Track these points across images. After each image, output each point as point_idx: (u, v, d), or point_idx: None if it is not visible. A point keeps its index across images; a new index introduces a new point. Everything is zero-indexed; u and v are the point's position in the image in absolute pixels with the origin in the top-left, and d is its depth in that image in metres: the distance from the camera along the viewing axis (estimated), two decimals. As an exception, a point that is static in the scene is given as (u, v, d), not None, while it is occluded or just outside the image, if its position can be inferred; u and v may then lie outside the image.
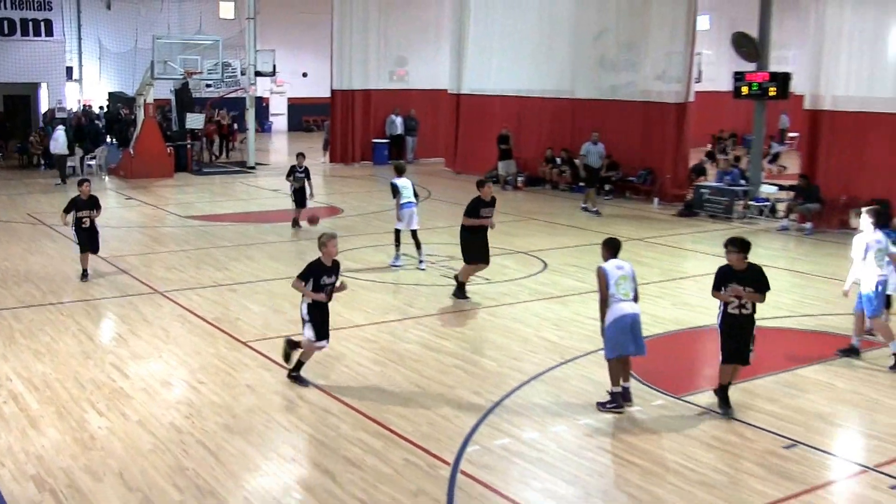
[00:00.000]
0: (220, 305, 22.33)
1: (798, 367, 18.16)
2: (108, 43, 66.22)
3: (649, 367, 18.24)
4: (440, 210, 37.98)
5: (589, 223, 34.37)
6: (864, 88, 33.25)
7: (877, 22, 33.02)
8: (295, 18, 70.70)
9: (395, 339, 20.00)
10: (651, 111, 40.29)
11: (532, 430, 15.02)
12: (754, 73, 36.51)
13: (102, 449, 14.09)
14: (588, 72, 43.70)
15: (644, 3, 40.73)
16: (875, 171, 32.60)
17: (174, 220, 34.49)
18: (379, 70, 55.01)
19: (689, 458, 13.96)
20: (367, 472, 13.33)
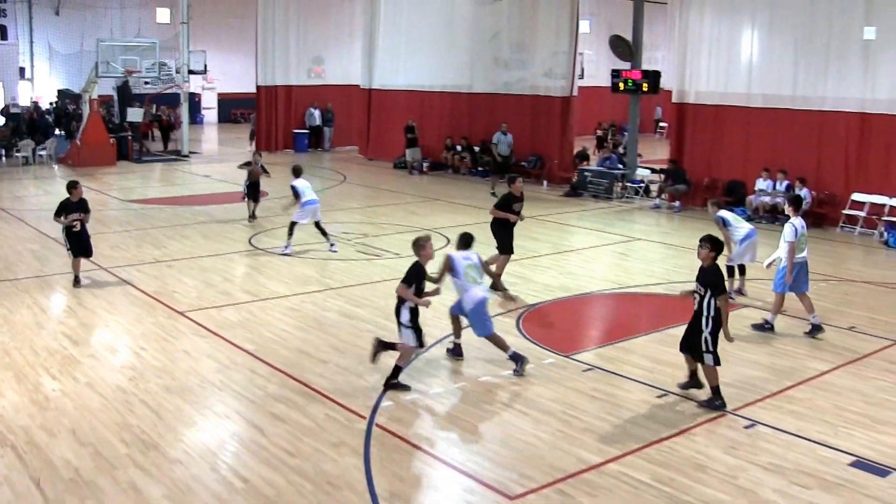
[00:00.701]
0: (158, 280, 22.14)
1: (668, 327, 18.31)
2: (56, 45, 65.48)
3: (541, 329, 18.41)
4: (355, 193, 37.98)
5: (487, 203, 34.40)
6: (721, 85, 33.70)
7: (731, 28, 33.46)
8: (224, 22, 70.19)
9: (316, 307, 19.92)
10: (540, 104, 40.49)
11: (438, 387, 15.08)
12: (629, 71, 36.86)
13: (56, 409, 13.98)
14: (484, 69, 43.86)
15: (532, 8, 40.91)
16: (731, 156, 33.17)
17: (117, 203, 34.15)
18: (298, 68, 54.77)
19: (576, 408, 14.07)
20: (292, 426, 13.32)
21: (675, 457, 12.41)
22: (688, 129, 34.86)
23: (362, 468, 11.96)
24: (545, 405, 14.20)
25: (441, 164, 44.62)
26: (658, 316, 19.95)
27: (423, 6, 47.08)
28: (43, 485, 11.49)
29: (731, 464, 12.22)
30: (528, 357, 16.03)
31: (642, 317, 20.24)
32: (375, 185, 39.90)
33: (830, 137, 30.40)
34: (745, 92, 32.83)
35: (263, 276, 22.80)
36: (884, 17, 29.06)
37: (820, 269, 20.33)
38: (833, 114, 30.24)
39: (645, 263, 24.75)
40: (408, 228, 28.84)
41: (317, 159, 50.58)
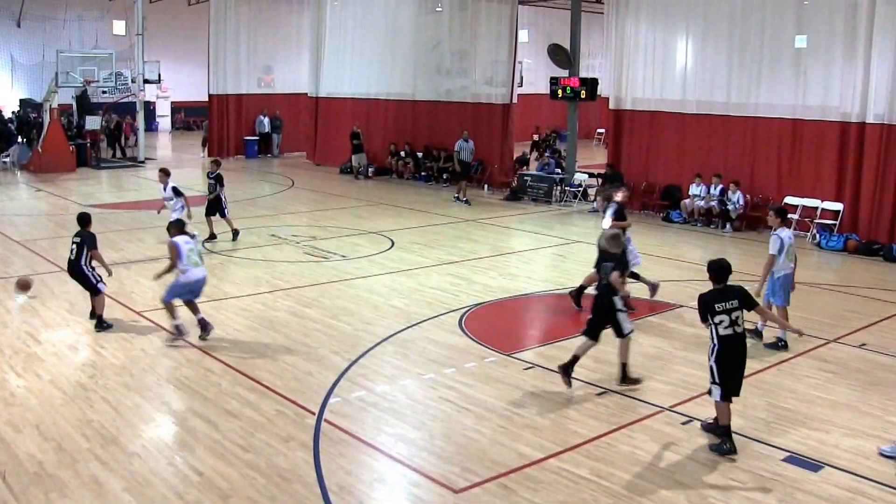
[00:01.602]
0: (116, 281, 21.94)
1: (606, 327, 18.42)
2: (18, 56, 65.03)
3: (483, 329, 18.45)
4: (302, 197, 37.93)
5: (429, 207, 34.48)
6: (656, 92, 33.84)
7: (666, 36, 33.62)
8: (177, 34, 69.84)
9: (266, 307, 19.88)
10: (481, 111, 40.46)
11: (384, 384, 15.05)
12: (568, 79, 36.84)
13: (21, 405, 13.92)
14: (427, 77, 43.88)
15: (473, 18, 40.97)
16: (667, 161, 33.30)
17: (77, 207, 33.80)
18: (249, 77, 54.59)
19: (518, 405, 14.11)
20: (245, 422, 13.30)
21: (614, 452, 12.44)
22: (625, 134, 34.97)
23: (312, 462, 11.96)
24: (487, 402, 14.21)
25: (386, 170, 44.51)
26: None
27: (367, 17, 47.02)
28: (8, 478, 11.44)
29: (669, 459, 12.28)
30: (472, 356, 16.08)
31: (581, 317, 20.28)
32: (322, 190, 39.82)
33: (763, 142, 30.57)
34: (679, 98, 32.95)
35: (216, 278, 22.65)
36: (814, 25, 29.26)
37: (754, 269, 20.40)
38: (766, 120, 30.39)
39: (583, 265, 24.70)
40: (354, 231, 28.87)
41: (266, 164, 50.45)
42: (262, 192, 39.34)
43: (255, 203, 35.40)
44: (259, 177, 44.92)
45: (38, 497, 11.02)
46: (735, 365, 12.57)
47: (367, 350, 16.85)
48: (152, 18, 61.01)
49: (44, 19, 64.20)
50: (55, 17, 64.79)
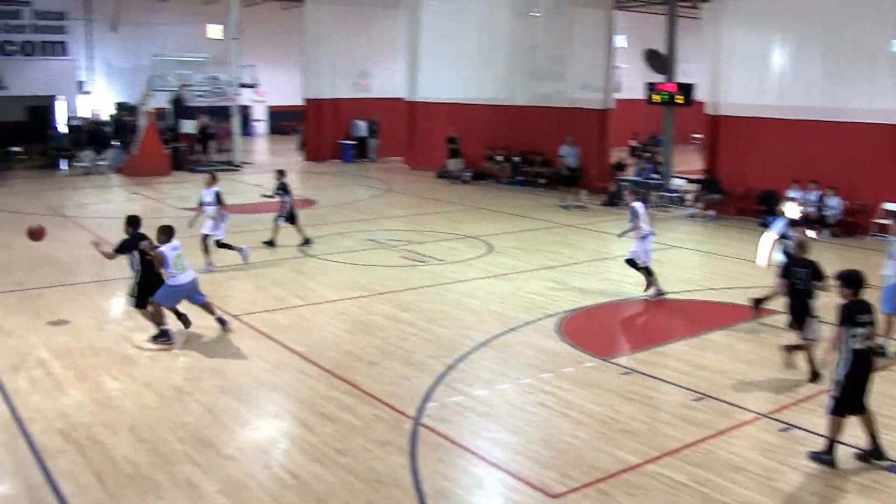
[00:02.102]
0: (212, 284, 22.15)
1: (705, 333, 18.27)
2: (114, 60, 65.76)
3: (580, 333, 18.38)
4: (399, 201, 38.01)
5: (526, 211, 34.40)
6: (753, 97, 33.49)
7: (762, 41, 33.28)
8: (273, 38, 70.25)
9: (363, 311, 19.95)
10: (577, 116, 40.21)
11: (481, 389, 15.05)
12: (664, 84, 36.70)
13: (116, 407, 14.13)
14: (523, 81, 43.72)
15: (569, 23, 40.82)
16: (764, 166, 32.85)
17: (172, 211, 34.25)
18: (345, 81, 54.91)
19: (615, 410, 14.03)
20: (341, 426, 13.36)
21: (712, 458, 12.34)
22: (721, 140, 34.68)
23: (409, 466, 11.99)
24: (585, 407, 14.16)
25: (483, 174, 44.46)
26: (694, 322, 19.85)
27: (463, 21, 46.99)
28: (104, 479, 11.58)
29: (767, 466, 12.15)
30: (569, 360, 16.01)
31: (679, 322, 20.13)
32: (419, 194, 39.91)
33: (861, 148, 30.14)
34: (776, 104, 32.59)
35: (313, 281, 22.85)
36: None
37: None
38: (864, 125, 29.97)
39: (681, 270, 24.63)
40: (452, 236, 28.91)
41: (363, 169, 50.70)
42: (358, 196, 39.55)
43: (352, 207, 35.58)
44: (356, 181, 45.16)
45: (133, 498, 11.16)
46: (863, 380, 12.20)
47: (464, 354, 16.86)
48: (248, 22, 61.51)
49: (139, 24, 64.92)
50: (151, 22, 65.55)
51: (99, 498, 11.13)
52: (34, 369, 16.02)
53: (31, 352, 17.02)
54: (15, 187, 41.56)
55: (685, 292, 22.02)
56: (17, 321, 19.00)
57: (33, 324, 18.88)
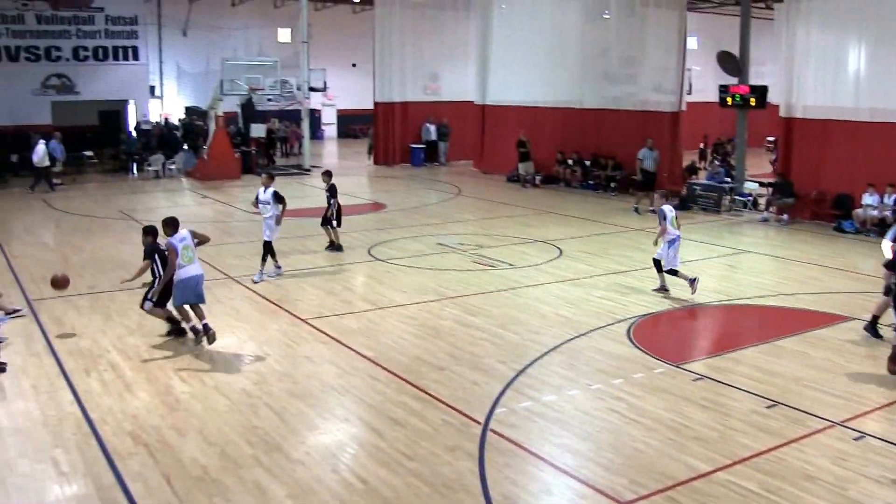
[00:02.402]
0: (281, 288, 22.38)
1: (777, 339, 18.15)
2: (184, 65, 66.46)
3: (651, 339, 18.32)
4: (469, 205, 38.01)
5: (597, 216, 34.32)
6: (828, 99, 33.16)
7: (838, 41, 32.94)
8: (342, 41, 70.67)
9: (433, 316, 19.99)
10: (649, 119, 40.04)
11: (551, 394, 15.03)
12: (737, 87, 36.48)
13: (185, 410, 14.28)
14: (594, 84, 43.58)
15: (641, 25, 40.64)
16: (839, 169, 32.50)
17: (242, 215, 34.52)
18: (415, 84, 55.10)
19: (685, 417, 13.97)
20: (410, 431, 13.41)
21: (784, 467, 12.26)
22: (795, 142, 34.37)
23: (477, 472, 12.01)
24: (656, 413, 14.12)
25: (553, 178, 44.39)
26: (766, 327, 19.72)
27: (534, 23, 46.96)
28: (173, 481, 11.71)
29: (840, 475, 12.03)
30: (639, 366, 15.97)
31: (751, 328, 20.00)
32: (489, 198, 39.93)
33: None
34: (852, 106, 32.26)
35: (382, 286, 22.91)
36: None
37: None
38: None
39: (753, 275, 24.48)
40: (521, 240, 28.91)
41: (433, 173, 50.77)
42: (428, 200, 39.65)
43: (422, 211, 35.69)
44: (425, 185, 45.23)
45: (202, 501, 11.27)
46: None
47: (533, 360, 16.87)
48: (317, 26, 62.00)
49: (209, 28, 65.55)
50: (221, 26, 66.15)
51: (168, 499, 11.26)
52: (105, 371, 16.24)
53: (102, 354, 17.24)
54: (87, 191, 42.06)
55: (757, 298, 21.86)
56: (89, 323, 19.23)
57: (105, 326, 19.11)
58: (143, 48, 55.24)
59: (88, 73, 52.63)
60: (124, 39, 53.77)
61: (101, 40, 53.08)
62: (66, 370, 16.32)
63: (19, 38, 50.88)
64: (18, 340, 18.01)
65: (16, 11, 50.59)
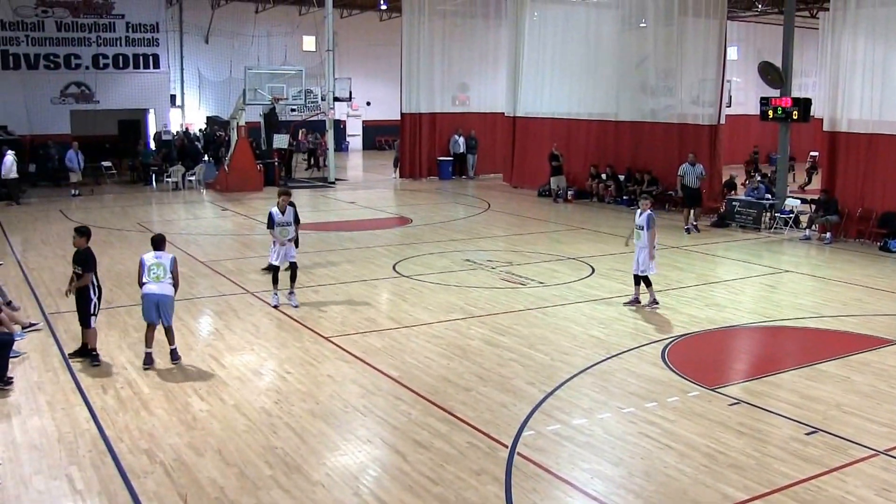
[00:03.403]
0: (303, 305, 22.46)
1: (818, 363, 18.09)
2: (206, 73, 66.85)
3: (687, 361, 18.27)
4: (499, 220, 38.04)
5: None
6: (875, 112, 33.01)
7: (886, 52, 32.82)
8: (368, 50, 70.97)
9: (460, 335, 20.01)
10: (686, 132, 39.94)
11: (581, 417, 15.02)
12: (779, 99, 36.36)
13: (203, 429, 14.34)
14: (630, 96, 43.59)
15: (680, 35, 40.51)
16: (886, 186, 32.34)
17: (263, 228, 34.54)
18: (443, 95, 55.27)
19: (721, 443, 13.92)
20: (435, 454, 13.41)
21: (824, 497, 12.19)
22: (840, 158, 34.20)
23: (503, 497, 12.00)
24: (690, 439, 14.09)
25: (586, 193, 44.41)
26: (807, 351, 19.67)
27: (568, 33, 47.02)
28: (190, 502, 11.75)
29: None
30: (674, 389, 15.96)
31: (790, 351, 19.95)
32: (519, 213, 39.96)
33: None
34: (900, 120, 32.13)
35: (407, 303, 22.95)
36: None
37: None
38: None
39: (794, 296, 24.41)
40: (553, 257, 28.91)
41: (461, 186, 50.88)
42: (456, 214, 39.70)
43: (449, 226, 35.72)
44: (453, 199, 45.34)
45: (219, 523, 11.31)
46: None
47: (564, 381, 16.85)
48: (343, 34, 62.28)
49: (232, 35, 65.92)
50: (244, 33, 66.50)
51: (185, 522, 11.33)
52: (122, 388, 16.34)
53: (119, 371, 17.35)
54: (105, 202, 42.34)
55: (797, 319, 21.80)
56: (106, 339, 19.32)
57: (121, 342, 19.23)
58: (164, 56, 55.58)
59: (108, 81, 53.01)
60: (145, 47, 54.11)
61: (122, 48, 53.44)
62: (82, 386, 16.44)
63: (39, 46, 51.46)
64: (35, 355, 18.16)
65: (35, 18, 51.07)
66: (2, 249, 29.58)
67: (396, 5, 59.72)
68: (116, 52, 53.28)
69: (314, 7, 58.81)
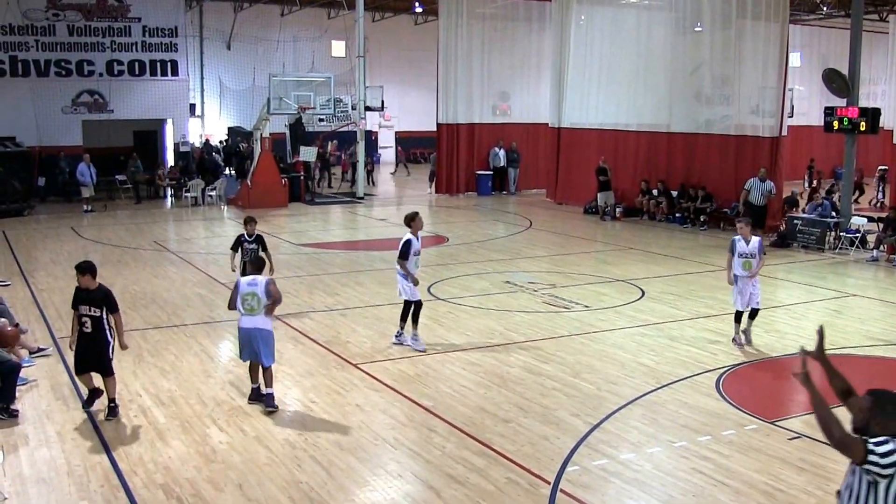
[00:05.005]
0: (330, 329, 22.52)
1: (886, 394, 18.00)
2: (227, 81, 67.04)
3: (743, 392, 18.21)
4: (542, 239, 38.02)
5: (684, 253, 34.18)
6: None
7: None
8: (402, 56, 71.13)
9: (498, 362, 19.98)
10: (745, 144, 39.75)
11: (629, 452, 14.99)
12: (845, 109, 36.19)
13: (223, 462, 14.36)
14: (684, 105, 43.40)
15: (738, 40, 40.35)
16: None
17: (288, 247, 34.76)
18: (482, 104, 55.12)
19: (780, 480, 13.87)
20: (471, 490, 13.39)
21: (890, 537, 12.15)
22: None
23: (546, 537, 12.00)
24: (747, 476, 14.02)
25: (636, 210, 44.28)
26: (874, 380, 19.54)
27: (616, 38, 46.92)
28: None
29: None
30: (729, 421, 15.90)
31: (857, 382, 19.80)
32: (564, 232, 39.94)
33: None
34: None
35: (443, 328, 22.95)
36: None
37: None
38: None
39: (860, 322, 24.29)
40: (599, 279, 28.85)
41: (501, 203, 50.91)
42: (496, 233, 39.72)
43: (488, 245, 35.71)
44: (493, 216, 45.39)
45: (241, 563, 11.33)
46: None
47: (610, 413, 16.81)
48: (375, 39, 62.40)
49: (256, 40, 66.11)
50: (268, 38, 66.68)
51: (203, 561, 11.36)
52: (136, 417, 16.42)
53: (133, 398, 17.43)
54: (119, 219, 42.56)
55: (864, 347, 21.70)
56: (119, 365, 19.31)
57: (136, 368, 19.33)
58: (182, 62, 55.82)
59: (123, 89, 53.24)
60: (163, 53, 54.35)
61: (138, 53, 53.69)
62: (93, 416, 16.51)
63: (49, 51, 51.74)
64: (44, 382, 18.26)
65: (46, 22, 51.33)
66: (9, 269, 29.74)
67: (432, 8, 59.95)
68: (132, 57, 53.55)
69: (344, 10, 59.06)
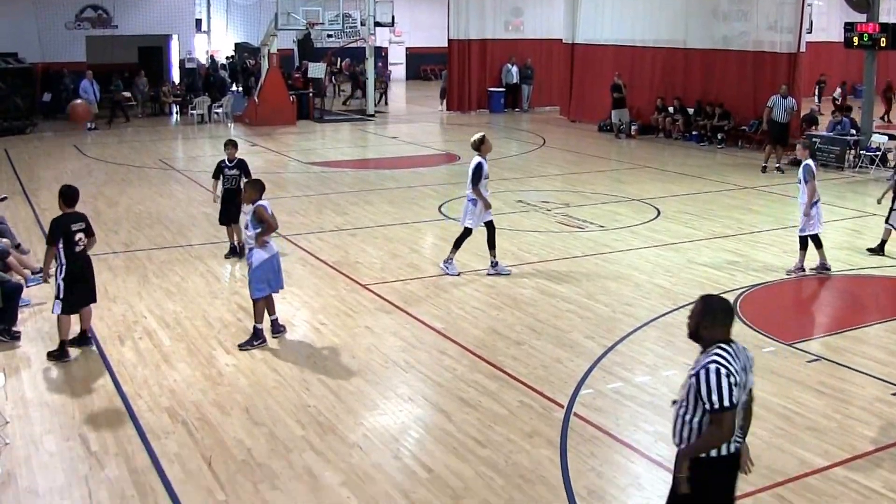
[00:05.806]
0: (340, 249, 22.43)
1: (908, 315, 17.96)
2: (234, -5, 66.83)
3: (761, 314, 18.12)
4: (555, 158, 37.89)
5: (701, 171, 34.02)
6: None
7: None
8: (414, -32, 70.83)
9: (512, 284, 19.93)
10: (763, 61, 39.47)
11: (644, 375, 14.95)
12: (865, 24, 35.80)
13: (230, 385, 14.34)
14: (700, 21, 42.93)
15: (757, -46, 40.03)
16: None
17: (296, 165, 34.66)
18: (495, 20, 54.76)
19: (798, 403, 13.81)
20: (482, 413, 13.35)
21: (913, 463, 12.12)
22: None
23: (558, 462, 11.93)
24: (764, 399, 13.86)
25: (651, 128, 44.13)
26: (893, 301, 19.51)
27: (633, -50, 46.55)
28: (214, 465, 11.75)
29: (978, 471, 11.90)
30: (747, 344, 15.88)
31: (877, 303, 19.78)
32: (578, 150, 39.80)
33: None
34: None
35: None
36: None
37: None
38: None
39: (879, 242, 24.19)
40: (614, 198, 28.74)
41: (514, 120, 50.74)
42: (508, 151, 39.51)
43: (501, 164, 35.41)
44: (505, 134, 45.17)
45: (246, 487, 11.28)
46: None
47: (625, 335, 16.76)
48: (386, -49, 61.83)
49: (264, -47, 65.77)
50: (277, -50, 66.29)
51: (208, 486, 11.29)
52: (141, 340, 16.38)
53: (137, 320, 17.39)
54: (123, 136, 42.45)
55: (886, 267, 21.59)
56: (124, 286, 19.38)
57: (141, 289, 19.27)
58: (188, -26, 55.50)
59: (127, 4, 52.88)
60: (168, -34, 54.05)
61: (142, -36, 53.39)
62: (97, 337, 16.45)
63: (51, -35, 51.26)
64: (47, 303, 18.18)
65: (48, -68, 50.97)
66: (11, 187, 29.63)
67: (445, -81, 59.54)
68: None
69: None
